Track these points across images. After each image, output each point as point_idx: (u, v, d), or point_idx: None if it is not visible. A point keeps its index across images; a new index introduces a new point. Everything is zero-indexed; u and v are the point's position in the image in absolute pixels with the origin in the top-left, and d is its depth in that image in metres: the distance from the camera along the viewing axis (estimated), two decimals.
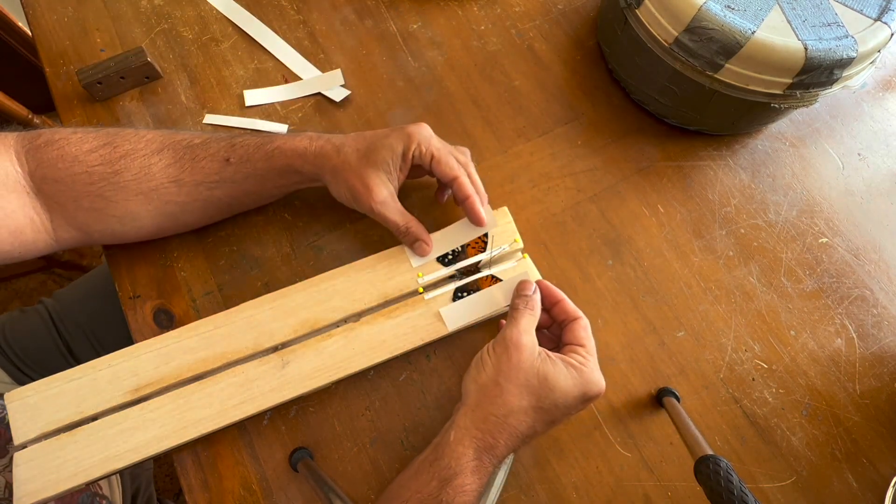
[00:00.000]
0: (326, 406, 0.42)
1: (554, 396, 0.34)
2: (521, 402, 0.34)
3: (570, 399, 0.35)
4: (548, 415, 0.35)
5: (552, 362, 0.35)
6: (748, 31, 0.41)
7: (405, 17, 0.56)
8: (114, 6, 0.55)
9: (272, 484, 0.40)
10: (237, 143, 0.42)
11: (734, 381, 0.44)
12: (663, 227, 0.48)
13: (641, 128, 0.52)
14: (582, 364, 0.35)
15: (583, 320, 0.38)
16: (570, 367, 0.35)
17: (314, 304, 0.41)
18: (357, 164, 0.41)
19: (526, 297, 0.38)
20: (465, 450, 0.33)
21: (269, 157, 0.41)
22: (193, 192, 0.41)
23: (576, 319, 0.38)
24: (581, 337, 0.37)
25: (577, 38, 0.56)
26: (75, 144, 0.39)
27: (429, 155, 0.41)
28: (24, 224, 0.38)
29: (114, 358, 0.39)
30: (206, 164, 0.41)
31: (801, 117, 0.54)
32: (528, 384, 0.34)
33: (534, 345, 0.35)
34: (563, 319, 0.39)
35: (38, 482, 0.36)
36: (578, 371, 0.35)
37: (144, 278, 0.45)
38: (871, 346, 0.45)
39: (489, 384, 0.35)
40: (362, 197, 0.41)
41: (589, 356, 0.36)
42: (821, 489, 0.41)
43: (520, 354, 0.34)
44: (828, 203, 0.50)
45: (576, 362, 0.35)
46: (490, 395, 0.34)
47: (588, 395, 0.35)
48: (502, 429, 0.34)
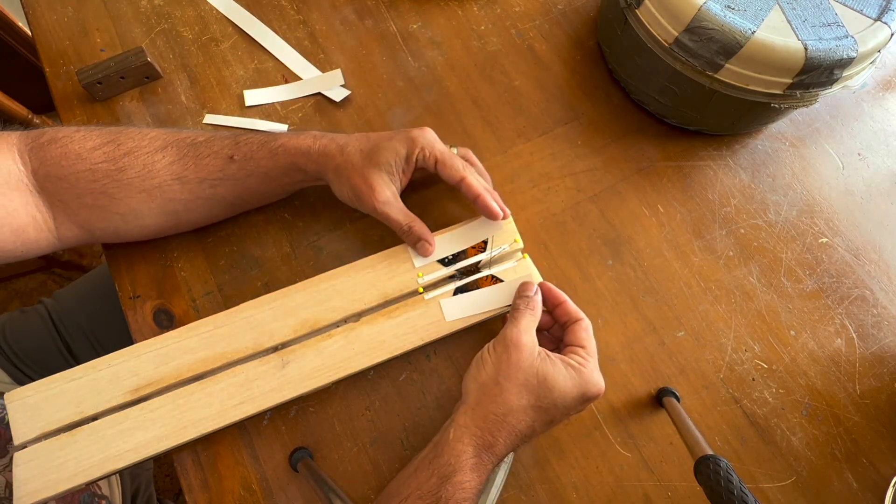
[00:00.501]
0: (326, 406, 0.42)
1: (553, 396, 0.34)
2: (520, 401, 0.34)
3: (569, 399, 0.35)
4: (547, 414, 0.35)
5: (552, 362, 0.35)
6: (748, 31, 0.41)
7: (405, 17, 0.56)
8: (114, 6, 0.55)
9: (272, 484, 0.40)
10: (241, 140, 0.42)
11: (734, 381, 0.44)
12: (663, 227, 0.48)
13: (641, 128, 0.52)
14: (581, 365, 0.36)
15: (584, 322, 0.38)
16: (569, 368, 0.35)
17: (314, 304, 0.41)
18: (360, 163, 0.41)
19: (527, 297, 0.38)
20: (465, 447, 0.34)
21: (273, 154, 0.41)
22: (196, 189, 0.41)
23: (577, 321, 0.38)
24: (582, 338, 0.37)
25: (577, 38, 0.56)
26: (78, 142, 0.39)
27: (432, 159, 0.41)
28: (26, 222, 0.38)
29: (114, 358, 0.39)
30: (209, 162, 0.41)
31: (801, 117, 0.54)
32: (528, 383, 0.34)
33: (534, 344, 0.36)
34: (565, 321, 0.39)
35: (38, 482, 0.36)
36: (578, 372, 0.35)
37: (144, 278, 0.45)
38: (871, 346, 0.45)
39: (489, 383, 0.35)
40: (365, 196, 0.41)
41: (589, 357, 0.36)
42: (821, 489, 0.41)
43: (520, 354, 0.35)
44: (828, 203, 0.50)
45: (575, 363, 0.36)
46: (490, 393, 0.35)
47: (587, 396, 0.35)
48: (501, 427, 0.34)
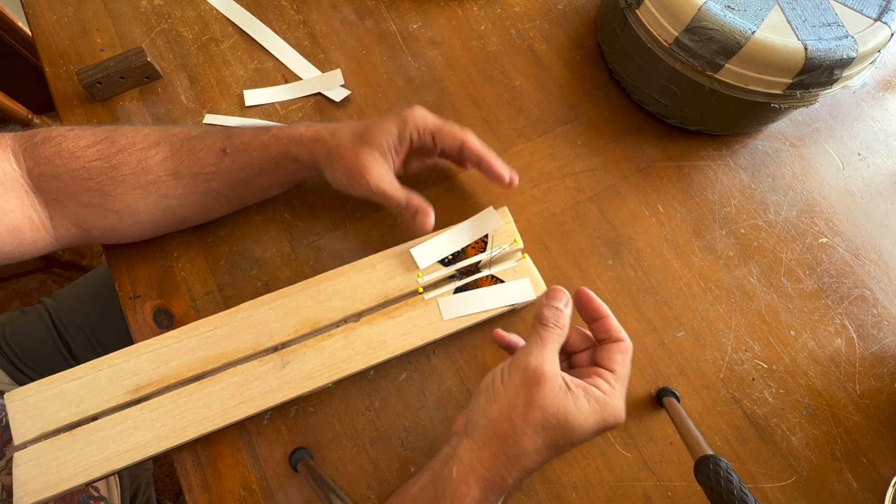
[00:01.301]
0: (326, 406, 0.42)
1: (572, 436, 0.30)
2: (535, 443, 0.30)
3: (588, 434, 0.31)
4: (561, 450, 0.31)
5: (574, 397, 0.30)
6: (748, 31, 0.41)
7: (405, 17, 0.56)
8: (114, 6, 0.55)
9: (272, 484, 0.40)
10: (233, 133, 0.42)
11: (734, 381, 0.44)
12: (663, 227, 0.48)
13: (641, 128, 0.52)
14: (606, 394, 0.31)
15: (625, 343, 0.33)
16: (592, 401, 0.30)
17: (314, 304, 0.41)
18: (352, 144, 0.40)
19: (556, 310, 0.32)
20: (470, 489, 0.30)
21: (266, 145, 0.41)
22: (191, 184, 0.41)
23: (618, 341, 0.33)
24: (616, 361, 0.32)
25: (577, 38, 0.56)
26: (72, 140, 0.39)
27: (428, 133, 0.40)
28: (22, 222, 0.38)
29: (114, 358, 0.39)
30: (203, 156, 0.41)
31: (801, 117, 0.54)
32: (547, 424, 0.30)
33: (556, 375, 0.30)
34: (602, 338, 0.34)
35: (38, 482, 0.36)
36: (601, 404, 0.30)
37: (144, 278, 0.45)
38: (871, 346, 0.45)
39: (501, 420, 0.30)
40: (358, 176, 0.40)
41: (617, 385, 0.32)
42: (821, 489, 0.41)
43: (541, 390, 0.30)
44: (828, 203, 0.50)
45: (600, 393, 0.31)
46: (501, 432, 0.30)
47: (605, 427, 0.31)
48: (512, 468, 0.30)
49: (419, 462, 0.41)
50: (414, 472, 0.40)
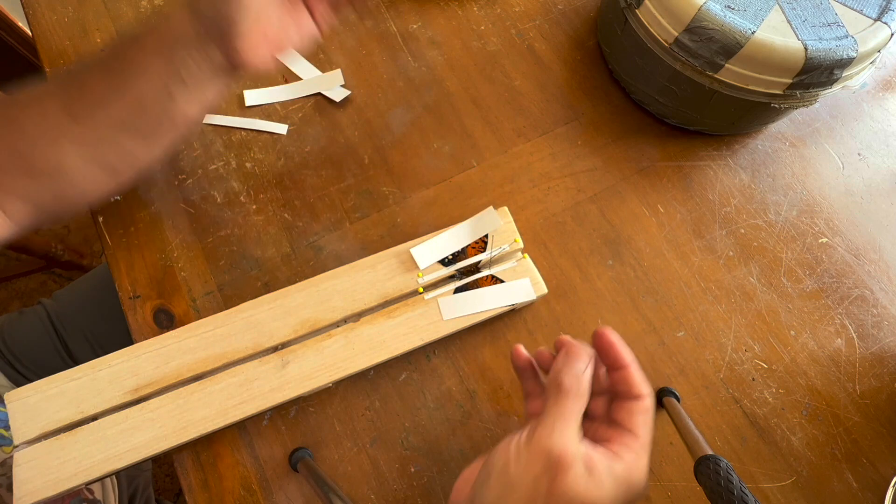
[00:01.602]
0: (326, 406, 0.42)
1: None
2: None
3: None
4: None
5: (597, 483, 0.25)
6: (748, 31, 0.41)
7: (405, 17, 0.56)
8: (114, 6, 0.55)
9: (272, 484, 0.40)
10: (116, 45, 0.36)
11: (734, 381, 0.44)
12: (663, 227, 0.48)
13: (641, 128, 0.52)
14: (631, 468, 0.26)
15: (646, 401, 0.28)
16: (617, 480, 0.26)
17: (314, 304, 0.41)
18: None
19: (576, 377, 0.27)
20: None
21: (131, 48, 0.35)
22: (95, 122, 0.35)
23: (638, 398, 0.28)
24: (637, 423, 0.28)
25: (577, 38, 0.56)
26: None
27: None
28: None
29: (114, 358, 0.39)
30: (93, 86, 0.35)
31: (801, 117, 0.54)
32: None
33: (579, 458, 0.26)
34: (621, 390, 0.29)
35: (38, 482, 0.36)
36: (627, 480, 0.26)
37: (144, 278, 0.45)
38: (871, 346, 0.45)
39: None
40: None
41: (642, 451, 0.27)
42: (821, 489, 0.41)
43: (565, 481, 0.25)
44: (828, 203, 0.50)
45: (624, 466, 0.26)
46: None
47: (627, 501, 0.27)
48: None
49: (419, 462, 0.41)
50: (414, 472, 0.40)
